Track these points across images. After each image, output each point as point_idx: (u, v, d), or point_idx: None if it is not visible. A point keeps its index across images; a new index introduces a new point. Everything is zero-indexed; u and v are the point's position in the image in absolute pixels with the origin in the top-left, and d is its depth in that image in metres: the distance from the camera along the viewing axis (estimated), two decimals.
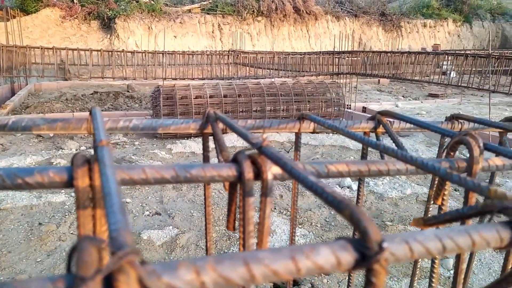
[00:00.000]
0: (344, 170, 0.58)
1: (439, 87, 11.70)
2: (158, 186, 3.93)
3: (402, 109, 9.19)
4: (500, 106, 9.33)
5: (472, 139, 0.64)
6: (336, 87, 7.32)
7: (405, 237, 0.34)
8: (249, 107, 6.34)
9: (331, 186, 2.25)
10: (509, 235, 0.38)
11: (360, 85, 12.98)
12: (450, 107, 9.36)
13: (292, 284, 2.49)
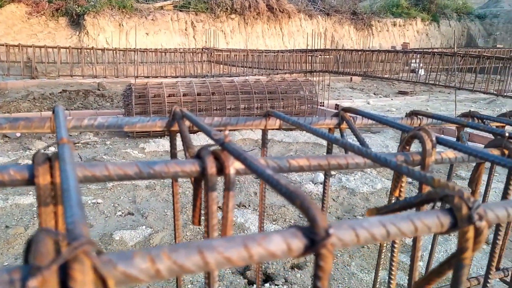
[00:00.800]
0: (305, 164, 0.60)
1: (408, 85, 12.04)
2: (131, 186, 3.88)
3: (374, 106, 9.40)
4: (465, 102, 9.70)
5: (425, 133, 0.68)
6: (309, 85, 7.41)
7: (351, 224, 0.36)
8: (223, 105, 6.33)
9: (304, 182, 2.31)
10: (449, 221, 0.41)
11: (333, 82, 13.18)
12: (419, 104, 9.65)
13: (265, 280, 2.53)
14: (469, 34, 21.39)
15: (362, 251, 2.98)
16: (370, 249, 3.02)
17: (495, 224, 0.84)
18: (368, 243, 0.38)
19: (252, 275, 2.54)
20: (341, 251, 2.96)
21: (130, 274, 0.26)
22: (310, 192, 4.08)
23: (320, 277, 0.33)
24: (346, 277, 2.65)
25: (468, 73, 9.38)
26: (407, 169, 0.50)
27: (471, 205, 0.41)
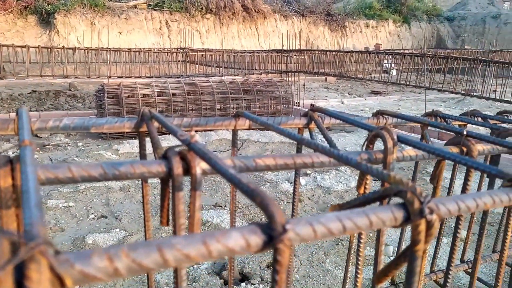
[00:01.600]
0: (272, 163, 0.62)
1: (381, 85, 12.32)
2: (104, 188, 3.80)
3: (348, 105, 9.57)
4: (435, 102, 10.02)
5: (386, 132, 0.71)
6: (284, 85, 7.47)
7: (309, 220, 0.38)
8: (198, 105, 6.30)
9: (280, 181, 2.33)
10: (402, 215, 0.44)
11: (308, 82, 13.34)
12: (391, 103, 9.89)
13: (241, 279, 2.54)
14: (439, 35, 22.08)
15: (336, 248, 3.04)
16: (344, 246, 3.08)
17: (456, 218, 0.88)
18: (326, 237, 0.40)
19: (228, 275, 2.54)
20: (316, 248, 3.01)
21: (87, 273, 0.27)
22: (286, 191, 4.12)
23: (278, 271, 0.34)
24: (321, 274, 2.69)
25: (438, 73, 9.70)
26: (366, 166, 0.52)
27: (423, 200, 0.43)
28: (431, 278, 1.31)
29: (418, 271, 0.45)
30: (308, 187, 4.23)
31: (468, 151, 0.82)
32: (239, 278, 2.56)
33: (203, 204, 3.60)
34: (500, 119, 1.23)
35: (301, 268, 2.73)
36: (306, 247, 3.01)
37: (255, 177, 4.48)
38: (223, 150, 5.50)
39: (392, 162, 0.71)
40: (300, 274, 2.67)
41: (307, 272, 2.69)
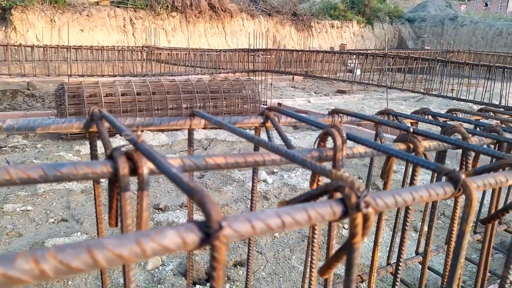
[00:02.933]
0: (222, 162, 0.62)
1: (346, 84, 12.62)
2: (65, 191, 3.68)
3: (314, 104, 9.72)
4: (397, 100, 10.36)
5: (336, 130, 0.73)
6: (251, 84, 7.49)
7: (248, 216, 0.39)
8: (164, 105, 6.20)
9: (247, 180, 2.34)
10: (340, 209, 0.45)
11: (276, 82, 13.44)
12: (356, 102, 10.14)
13: (207, 279, 2.53)
14: (400, 36, 22.85)
15: (302, 244, 3.08)
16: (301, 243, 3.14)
17: (404, 212, 0.92)
18: (266, 233, 0.41)
19: (194, 275, 2.53)
20: (282, 246, 3.04)
21: (11, 276, 0.26)
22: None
23: (215, 267, 0.35)
24: (287, 271, 2.73)
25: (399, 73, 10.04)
26: (310, 163, 0.54)
27: (360, 194, 0.45)
28: (388, 270, 1.36)
29: (356, 263, 0.46)
30: (275, 185, 4.27)
31: (415, 147, 0.86)
32: (205, 278, 2.55)
33: (169, 205, 3.56)
34: (448, 117, 1.30)
35: (267, 266, 2.75)
36: (273, 244, 3.04)
37: (223, 177, 4.48)
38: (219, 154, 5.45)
39: (341, 158, 0.74)
40: (266, 271, 2.69)
41: (273, 270, 2.72)
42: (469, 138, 0.95)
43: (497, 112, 1.49)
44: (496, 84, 6.59)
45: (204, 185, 4.13)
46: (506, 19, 22.75)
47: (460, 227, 0.57)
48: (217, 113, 6.72)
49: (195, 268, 2.54)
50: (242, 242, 3.00)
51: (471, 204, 0.56)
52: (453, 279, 0.58)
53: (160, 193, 3.85)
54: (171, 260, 2.70)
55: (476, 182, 0.60)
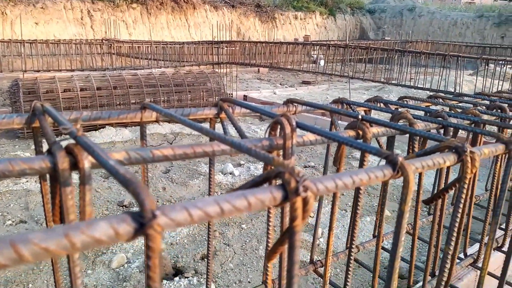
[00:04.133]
0: (170, 153, 0.62)
1: (311, 75, 12.78)
2: (22, 192, 3.52)
3: (280, 95, 9.79)
4: (360, 90, 10.62)
5: (285, 119, 0.74)
6: (216, 76, 7.43)
7: (185, 205, 0.39)
8: (126, 99, 6.05)
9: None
10: (281, 195, 0.47)
11: (241, 74, 13.40)
12: (320, 92, 10.31)
13: (175, 274, 2.52)
14: (362, 27, 23.35)
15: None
16: (276, 232, 3.18)
17: (355, 195, 0.96)
18: (204, 221, 0.41)
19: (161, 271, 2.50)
20: (250, 237, 3.07)
21: None
22: (219, 182, 4.14)
23: (150, 256, 0.35)
24: (254, 261, 2.76)
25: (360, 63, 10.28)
26: (254, 151, 0.54)
27: (299, 179, 0.46)
28: (346, 254, 1.40)
29: (298, 245, 0.48)
30: (242, 177, 4.29)
31: (363, 134, 0.89)
32: (172, 273, 2.54)
33: (132, 202, 3.49)
34: (399, 104, 1.35)
35: (235, 257, 2.77)
36: (240, 236, 3.06)
37: (189, 171, 4.44)
38: (154, 145, 5.36)
39: (291, 147, 0.75)
40: (234, 263, 2.71)
41: (240, 260, 2.74)
42: (415, 124, 1.00)
43: (445, 99, 1.56)
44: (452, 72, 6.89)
45: (170, 180, 4.08)
46: (461, 9, 23.76)
47: (400, 207, 0.60)
48: (182, 107, 6.63)
49: (163, 263, 2.52)
50: None
51: (409, 185, 0.59)
52: (395, 256, 0.61)
53: (125, 190, 3.77)
54: (136, 257, 2.66)
55: (414, 164, 0.63)
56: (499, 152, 0.82)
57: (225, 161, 4.69)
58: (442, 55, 5.85)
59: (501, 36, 19.35)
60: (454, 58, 5.78)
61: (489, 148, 0.79)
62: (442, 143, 0.72)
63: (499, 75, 6.85)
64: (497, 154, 0.83)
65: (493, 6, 22.17)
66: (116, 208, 3.36)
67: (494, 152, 0.80)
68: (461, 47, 13.56)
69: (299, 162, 5.00)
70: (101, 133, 5.60)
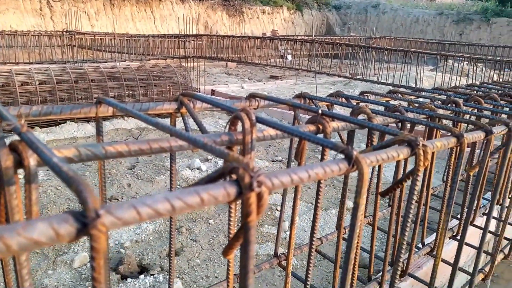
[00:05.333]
0: (124, 150, 0.60)
1: (279, 69, 12.85)
2: None
3: (247, 90, 9.78)
4: (326, 85, 10.79)
5: (244, 114, 0.74)
6: (183, 70, 7.32)
7: (134, 203, 0.38)
8: (88, 93, 5.84)
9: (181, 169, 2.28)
10: (235, 190, 0.46)
11: (209, 68, 13.26)
12: (288, 87, 10.38)
13: (140, 272, 2.48)
14: (328, 23, 23.69)
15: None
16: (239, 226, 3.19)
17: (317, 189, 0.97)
18: (154, 218, 0.40)
19: (125, 269, 2.45)
20: (217, 232, 3.06)
21: None
22: (186, 178, 4.09)
23: (94, 258, 0.34)
24: (221, 256, 2.75)
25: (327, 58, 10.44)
26: (210, 147, 0.54)
27: (253, 174, 0.46)
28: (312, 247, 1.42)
29: (253, 240, 0.48)
30: (210, 172, 4.26)
31: (323, 128, 0.90)
32: (137, 271, 2.49)
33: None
34: (359, 99, 1.38)
35: (202, 253, 2.75)
36: (207, 231, 3.05)
37: (155, 167, 4.36)
38: (119, 141, 5.22)
39: (250, 141, 0.75)
40: (201, 258, 2.70)
41: (208, 256, 2.73)
42: (374, 118, 1.02)
43: (404, 94, 1.61)
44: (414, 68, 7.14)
45: (135, 176, 3.99)
46: (422, 6, 24.57)
47: (355, 200, 0.61)
48: (148, 101, 6.49)
49: (126, 261, 2.47)
50: (175, 231, 2.97)
51: (363, 178, 0.60)
52: (351, 247, 0.62)
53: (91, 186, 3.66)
54: None
55: (369, 158, 0.64)
56: (451, 145, 0.86)
57: (192, 156, 4.64)
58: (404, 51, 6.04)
59: (459, 33, 20.22)
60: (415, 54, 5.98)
61: (442, 141, 0.82)
62: (397, 137, 0.75)
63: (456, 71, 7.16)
64: (449, 147, 0.86)
65: (452, 4, 23.09)
66: (79, 206, 3.26)
67: (446, 145, 0.83)
68: (422, 43, 14.06)
69: (267, 157, 5.04)
70: (61, 129, 5.39)
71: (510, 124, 1.09)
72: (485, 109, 1.43)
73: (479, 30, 20.06)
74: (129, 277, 2.41)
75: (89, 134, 5.44)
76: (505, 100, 1.73)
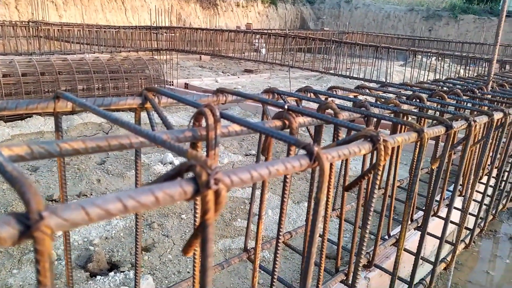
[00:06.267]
0: (81, 147, 0.58)
1: (253, 63, 12.82)
2: None
3: (221, 84, 9.71)
4: (300, 79, 10.86)
5: (208, 110, 0.73)
6: (155, 63, 7.19)
7: (82, 203, 0.37)
8: (56, 86, 5.65)
9: (153, 163, 2.23)
10: (192, 188, 0.46)
11: (183, 61, 13.07)
12: (262, 81, 10.38)
13: (110, 269, 2.43)
14: (302, 17, 23.80)
15: None
16: (217, 221, 3.19)
17: (283, 184, 0.98)
18: (105, 218, 0.39)
19: (94, 266, 2.40)
20: (190, 227, 3.04)
21: None
22: (158, 172, 4.04)
23: (39, 260, 0.33)
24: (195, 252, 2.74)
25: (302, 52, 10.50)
26: (169, 144, 0.53)
27: (210, 172, 0.46)
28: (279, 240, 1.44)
29: (211, 238, 0.48)
30: None
31: (289, 123, 0.91)
32: (107, 268, 2.44)
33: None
34: (327, 94, 1.39)
35: (174, 248, 2.73)
36: (180, 226, 3.02)
37: (126, 161, 4.28)
38: (88, 135, 5.08)
39: (215, 137, 0.74)
40: (173, 254, 2.68)
41: (180, 251, 2.71)
42: (339, 114, 1.04)
43: (371, 89, 1.64)
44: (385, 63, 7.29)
45: (105, 171, 3.90)
46: (394, 3, 25.06)
47: (316, 195, 0.62)
48: (119, 94, 6.34)
49: (96, 258, 2.42)
50: (147, 227, 2.93)
51: (324, 174, 0.61)
52: (312, 242, 0.63)
53: (54, 183, 3.55)
54: None
55: (330, 154, 0.65)
56: (412, 140, 0.88)
57: (164, 150, 4.58)
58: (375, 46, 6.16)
59: (429, 29, 20.78)
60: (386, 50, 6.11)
61: (403, 136, 0.84)
62: (359, 133, 0.76)
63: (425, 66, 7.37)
64: (410, 141, 0.88)
65: (422, 1, 23.67)
66: (45, 203, 3.15)
67: (407, 140, 0.86)
68: (393, 39, 14.36)
69: (241, 151, 5.03)
70: (27, 123, 5.19)
71: (470, 119, 1.13)
72: (448, 105, 1.47)
73: (448, 27, 20.68)
74: (98, 275, 2.36)
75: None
76: (467, 95, 1.79)
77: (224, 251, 2.80)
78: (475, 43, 13.13)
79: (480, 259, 3.94)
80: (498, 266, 3.85)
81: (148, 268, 2.50)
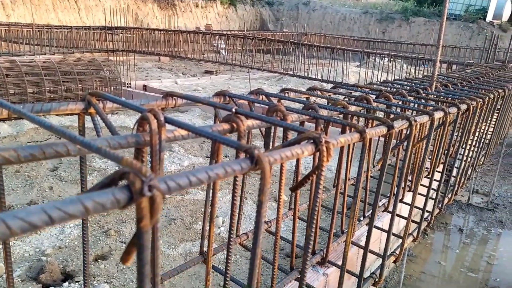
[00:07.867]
0: (12, 156, 0.56)
1: (214, 64, 12.76)
2: None
3: (181, 85, 9.60)
4: (260, 80, 10.94)
5: (151, 115, 0.72)
6: (110, 65, 6.98)
7: (2, 216, 0.36)
8: (3, 90, 5.35)
9: (109, 168, 2.16)
10: (125, 196, 0.45)
11: (141, 62, 12.78)
12: (223, 82, 10.36)
13: (64, 279, 2.34)
14: (262, 19, 23.99)
15: (169, 228, 3.07)
16: (177, 224, 3.15)
17: (233, 187, 0.99)
18: (29, 231, 0.38)
19: (47, 277, 2.30)
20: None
21: None
22: None
23: None
24: None
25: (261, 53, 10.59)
26: (104, 151, 0.52)
27: (145, 179, 0.46)
28: (236, 242, 1.45)
29: (147, 246, 0.48)
30: None
31: (237, 126, 0.91)
32: (61, 279, 2.35)
33: (14, 204, 3.13)
34: (279, 97, 1.42)
35: None
36: None
37: None
38: (40, 140, 4.86)
39: (159, 143, 0.74)
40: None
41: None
42: (288, 116, 1.06)
43: (322, 91, 1.68)
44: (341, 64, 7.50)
45: (58, 178, 3.74)
46: (349, 5, 25.84)
47: (258, 197, 0.63)
48: (72, 98, 6.10)
49: (48, 269, 2.32)
50: (103, 234, 2.84)
51: (265, 176, 0.62)
52: (257, 239, 0.64)
53: (6, 191, 3.35)
54: (18, 266, 2.40)
55: (273, 156, 0.66)
56: (354, 141, 0.92)
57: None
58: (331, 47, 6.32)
59: (382, 31, 21.60)
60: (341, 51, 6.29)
61: (345, 137, 0.87)
62: (303, 135, 0.78)
63: (379, 67, 7.66)
64: (353, 142, 0.92)
65: (376, 4, 24.57)
66: None
67: (350, 141, 0.89)
68: (349, 40, 14.81)
69: (201, 153, 5.00)
70: None
71: (410, 119, 1.19)
72: (393, 105, 1.54)
73: (400, 29, 21.60)
74: (51, 286, 2.26)
75: (5, 134, 4.99)
76: (412, 96, 1.89)
77: (185, 255, 2.77)
78: (425, 45, 13.81)
79: (432, 250, 4.16)
80: (449, 257, 4.08)
81: (104, 276, 2.43)
